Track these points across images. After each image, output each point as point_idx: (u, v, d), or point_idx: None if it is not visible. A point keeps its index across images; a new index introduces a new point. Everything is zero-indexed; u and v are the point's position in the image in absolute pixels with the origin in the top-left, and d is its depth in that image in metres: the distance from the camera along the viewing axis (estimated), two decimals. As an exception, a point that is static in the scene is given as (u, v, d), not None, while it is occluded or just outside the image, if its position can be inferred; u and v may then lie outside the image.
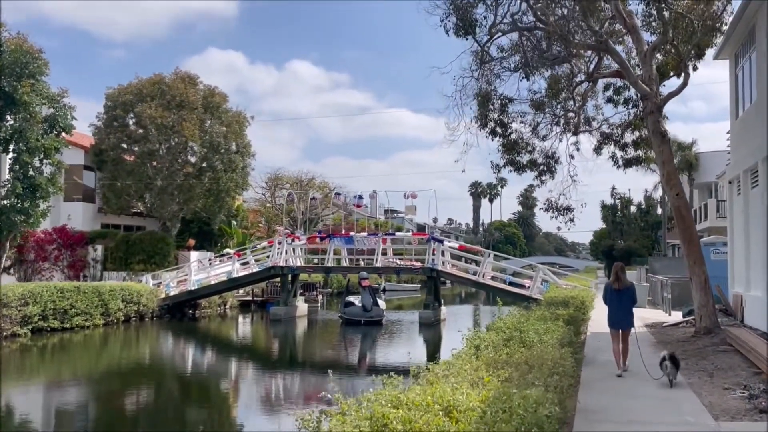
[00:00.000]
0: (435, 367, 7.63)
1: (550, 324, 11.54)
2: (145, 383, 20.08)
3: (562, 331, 10.74)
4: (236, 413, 16.28)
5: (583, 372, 12.67)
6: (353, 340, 29.49)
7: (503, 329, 10.38)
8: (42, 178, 29.37)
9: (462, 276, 31.83)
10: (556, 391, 6.74)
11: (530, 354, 8.40)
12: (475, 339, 9.77)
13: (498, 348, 9.12)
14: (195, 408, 16.91)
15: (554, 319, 13.27)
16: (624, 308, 12.35)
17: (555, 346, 9.20)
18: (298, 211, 53.64)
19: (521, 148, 22.64)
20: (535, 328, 10.37)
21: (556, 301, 19.60)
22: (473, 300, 51.84)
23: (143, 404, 17.34)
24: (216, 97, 40.92)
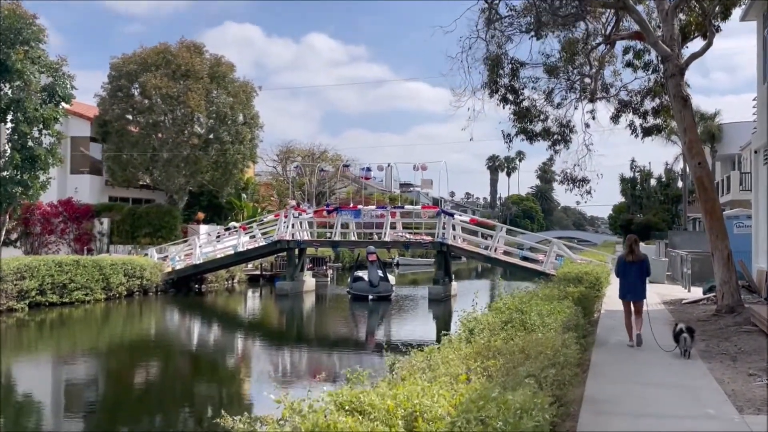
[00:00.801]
0: (417, 355, 6.67)
1: (556, 304, 10.53)
2: (140, 358, 19.45)
3: (568, 312, 9.73)
4: (222, 391, 15.50)
5: (593, 355, 11.67)
6: (358, 316, 28.70)
7: (503, 310, 9.39)
8: (41, 149, 28.61)
9: (473, 251, 30.79)
10: (553, 386, 5.75)
11: (529, 340, 7.40)
12: (470, 321, 8.80)
13: (495, 332, 8.14)
14: (179, 384, 16.14)
15: (562, 298, 12.26)
16: (637, 280, 12.17)
17: (558, 331, 8.21)
18: (310, 185, 52.70)
19: (534, 116, 21.44)
20: (538, 310, 9.36)
21: (569, 277, 18.59)
22: (490, 275, 50.75)
23: (136, 380, 16.74)
24: (222, 67, 39.86)
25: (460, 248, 30.79)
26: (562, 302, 11.32)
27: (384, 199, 49.29)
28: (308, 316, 29.51)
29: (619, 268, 12.48)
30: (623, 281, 12.41)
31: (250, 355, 20.75)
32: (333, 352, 20.51)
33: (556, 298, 12.05)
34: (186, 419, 13.07)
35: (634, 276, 12.23)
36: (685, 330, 11.16)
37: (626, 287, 12.35)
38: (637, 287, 12.25)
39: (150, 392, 15.51)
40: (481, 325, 8.59)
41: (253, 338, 23.93)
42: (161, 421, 13.12)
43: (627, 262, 12.28)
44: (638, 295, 12.27)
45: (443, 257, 30.74)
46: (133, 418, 13.17)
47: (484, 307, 11.04)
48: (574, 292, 13.82)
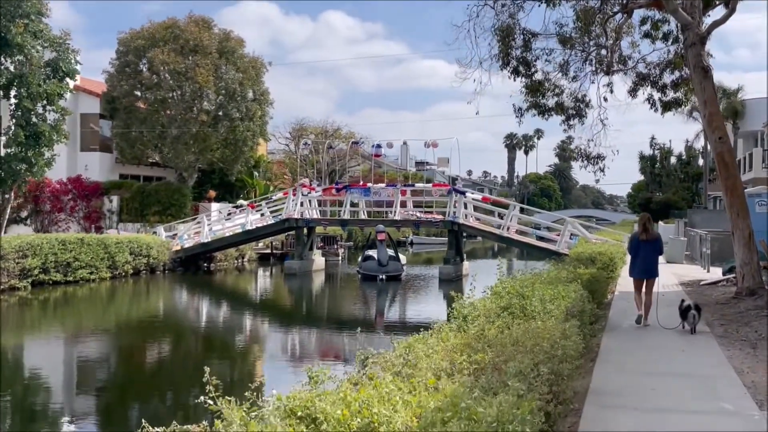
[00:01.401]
0: (398, 347, 6.01)
1: (561, 288, 9.82)
2: (139, 337, 19.08)
3: (574, 297, 9.01)
4: (215, 370, 14.98)
5: (604, 340, 10.96)
6: (366, 296, 28.17)
7: (502, 294, 8.70)
8: (45, 125, 28.14)
9: (485, 230, 30.03)
10: (547, 383, 5.07)
11: (527, 329, 6.72)
12: (465, 307, 8.12)
13: (491, 319, 7.46)
14: (172, 365, 15.67)
15: (570, 280, 11.55)
16: (649, 258, 12.20)
17: (560, 318, 7.51)
18: (323, 162, 52.04)
19: (547, 90, 20.56)
20: (541, 294, 8.66)
21: (581, 258, 17.91)
22: (506, 254, 49.89)
23: (134, 360, 16.37)
24: (231, 42, 39.10)
25: (471, 227, 30.04)
26: (569, 285, 10.62)
27: (398, 178, 48.48)
28: (314, 295, 28.98)
29: (632, 247, 12.43)
30: (636, 260, 12.33)
31: (248, 335, 20.24)
32: (335, 333, 20.05)
33: (564, 280, 11.35)
34: (174, 401, 12.58)
35: (647, 254, 12.18)
36: (693, 307, 11.30)
37: (639, 265, 12.28)
38: (649, 265, 12.19)
39: (144, 372, 15.09)
40: (477, 311, 7.92)
41: (253, 318, 23.52)
42: (157, 402, 12.71)
43: (640, 240, 12.20)
44: (651, 273, 12.20)
45: (454, 236, 30.03)
46: (129, 400, 12.73)
47: (486, 289, 10.37)
48: (584, 274, 13.11)
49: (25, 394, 12.91)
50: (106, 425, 11.35)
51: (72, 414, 11.74)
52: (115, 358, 16.75)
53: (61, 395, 13.14)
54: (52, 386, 13.72)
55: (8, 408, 11.67)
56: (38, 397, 12.86)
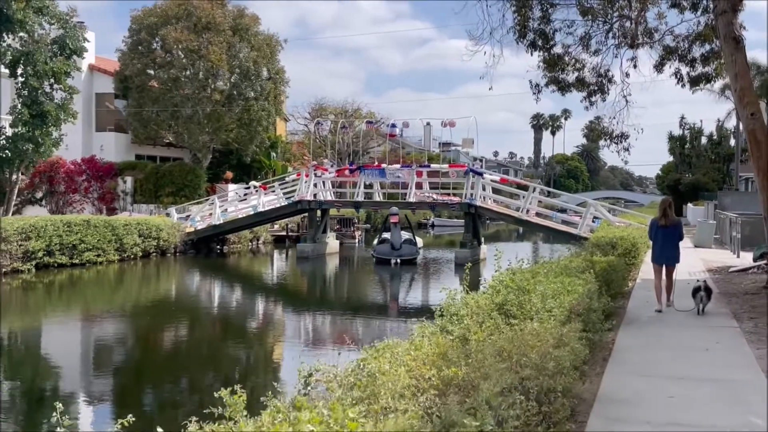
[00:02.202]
0: (367, 352, 5.08)
1: (570, 280, 8.81)
2: (143, 320, 18.65)
3: (582, 291, 7.98)
4: (216, 354, 14.24)
5: (620, 336, 9.95)
6: (377, 280, 27.34)
7: (498, 289, 7.71)
8: (51, 104, 27.51)
9: (504, 212, 28.90)
10: (532, 409, 4.10)
11: (515, 334, 5.74)
12: (454, 305, 7.15)
13: (481, 319, 6.49)
14: (176, 349, 14.96)
15: (583, 269, 10.51)
16: (670, 244, 11.93)
17: (561, 319, 6.52)
18: (342, 143, 51.07)
19: (566, 65, 19.32)
20: (543, 288, 7.66)
21: (601, 243, 16.86)
22: (532, 237, 48.51)
23: (140, 344, 15.93)
24: (245, 19, 38.12)
25: (489, 209, 28.93)
26: (580, 276, 9.59)
27: (418, 160, 47.34)
28: (323, 280, 28.13)
29: (652, 232, 12.17)
30: (656, 246, 12.07)
31: (248, 320, 19.50)
32: (340, 317, 19.30)
33: (576, 270, 10.30)
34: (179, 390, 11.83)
35: (667, 240, 11.91)
36: (703, 288, 11.29)
37: (659, 251, 11.99)
38: (669, 251, 11.92)
39: (148, 359, 14.57)
40: (468, 307, 6.94)
41: (253, 302, 22.94)
42: (167, 389, 12.17)
43: (660, 225, 11.91)
44: (671, 259, 11.93)
45: (471, 219, 28.96)
46: (135, 387, 12.20)
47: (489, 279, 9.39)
48: (599, 262, 12.05)
49: (30, 380, 12.43)
50: (117, 411, 10.71)
51: (81, 400, 11.33)
52: (116, 342, 16.15)
53: (65, 382, 12.57)
54: (51, 373, 13.21)
55: (18, 394, 11.34)
56: (44, 383, 12.37)
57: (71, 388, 12.00)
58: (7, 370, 12.76)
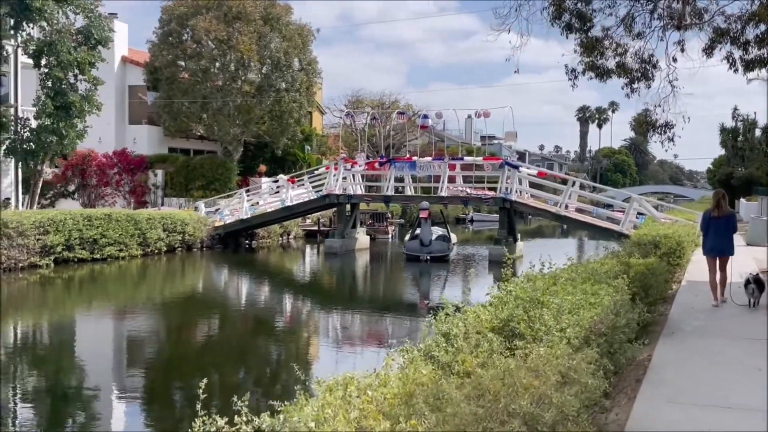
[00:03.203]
0: (304, 401, 3.92)
1: (595, 289, 7.50)
2: (163, 318, 18.04)
3: (606, 304, 6.67)
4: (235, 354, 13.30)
5: (658, 349, 8.62)
6: (403, 278, 26.19)
7: (505, 300, 6.46)
8: (75, 95, 26.97)
9: (541, 207, 27.39)
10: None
11: (520, 361, 4.52)
12: (450, 320, 5.94)
13: (476, 342, 5.27)
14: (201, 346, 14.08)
15: (616, 274, 9.17)
16: (724, 236, 11.77)
17: (576, 342, 5.26)
18: (379, 136, 49.90)
19: (606, 48, 17.79)
20: (561, 300, 6.39)
21: (643, 241, 15.38)
22: (577, 233, 46.56)
23: (159, 342, 15.30)
24: (277, 8, 37.18)
25: (525, 204, 27.43)
26: (610, 283, 8.27)
27: (456, 152, 45.85)
28: (349, 277, 26.95)
29: (705, 224, 12.05)
30: (709, 238, 11.92)
31: (268, 317, 18.56)
32: (361, 316, 18.25)
33: (606, 275, 8.96)
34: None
35: (720, 232, 11.76)
36: (752, 281, 11.20)
37: (712, 243, 11.83)
38: (723, 243, 11.73)
39: (168, 356, 13.94)
40: (468, 325, 5.73)
41: (273, 299, 22.06)
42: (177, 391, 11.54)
43: (712, 217, 11.78)
44: (725, 250, 11.73)
45: (507, 214, 27.54)
46: (158, 385, 11.70)
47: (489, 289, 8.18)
48: (636, 264, 10.66)
49: (53, 379, 11.99)
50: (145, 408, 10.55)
51: (114, 401, 11.03)
52: (135, 342, 15.48)
53: (81, 379, 12.10)
54: (69, 377, 12.49)
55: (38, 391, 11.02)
56: (61, 387, 11.71)
57: (96, 391, 11.37)
58: (21, 370, 12.44)
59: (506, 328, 5.86)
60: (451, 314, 6.15)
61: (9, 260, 21.61)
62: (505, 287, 6.89)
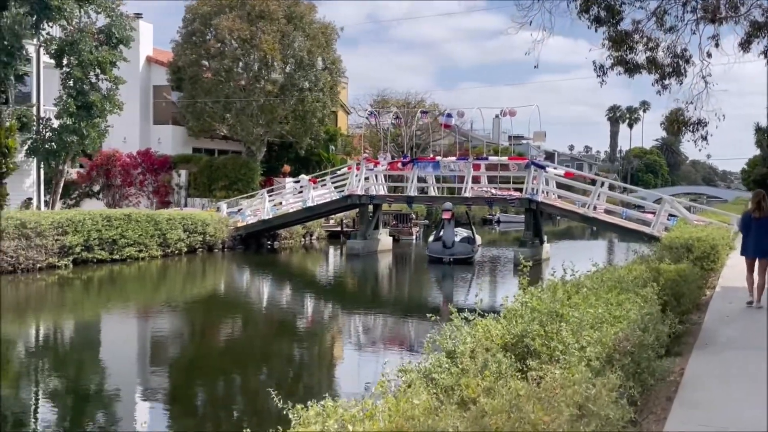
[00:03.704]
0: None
1: (620, 298, 6.86)
2: (182, 319, 17.79)
3: (635, 317, 6.03)
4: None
5: (690, 364, 7.95)
6: (423, 281, 25.58)
7: (520, 313, 5.85)
8: (96, 95, 26.82)
9: (567, 209, 26.58)
10: None
11: (535, 389, 3.94)
12: (457, 334, 5.37)
13: (484, 361, 4.69)
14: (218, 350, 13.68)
15: (644, 282, 8.50)
16: (763, 237, 11.43)
17: (598, 363, 4.66)
18: (405, 135, 49.35)
19: (636, 42, 17.02)
20: (582, 313, 5.77)
21: (675, 245, 14.62)
22: (607, 235, 45.48)
23: (181, 344, 15.08)
24: (300, 7, 36.76)
25: (551, 205, 26.64)
26: (638, 292, 7.61)
27: (490, 153, 45.03)
28: (368, 279, 26.37)
29: (744, 225, 11.94)
30: (749, 239, 11.72)
31: (288, 319, 18.12)
32: (377, 320, 17.74)
33: (634, 283, 8.30)
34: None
35: (760, 233, 11.50)
36: None
37: (751, 244, 11.62)
38: (762, 245, 11.43)
39: (191, 358, 13.65)
40: (476, 341, 5.15)
41: (291, 301, 21.65)
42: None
43: (753, 218, 11.59)
44: (764, 252, 11.41)
45: (533, 215, 26.79)
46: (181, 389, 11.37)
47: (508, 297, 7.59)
48: (667, 271, 9.96)
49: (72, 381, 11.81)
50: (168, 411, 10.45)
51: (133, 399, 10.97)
52: (157, 344, 15.32)
53: (101, 382, 11.89)
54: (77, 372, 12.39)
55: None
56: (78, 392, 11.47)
57: (117, 395, 11.12)
58: (43, 372, 12.40)
59: (520, 345, 5.26)
60: (460, 327, 5.58)
61: (27, 261, 21.44)
62: (520, 297, 6.28)
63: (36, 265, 21.75)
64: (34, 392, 11.20)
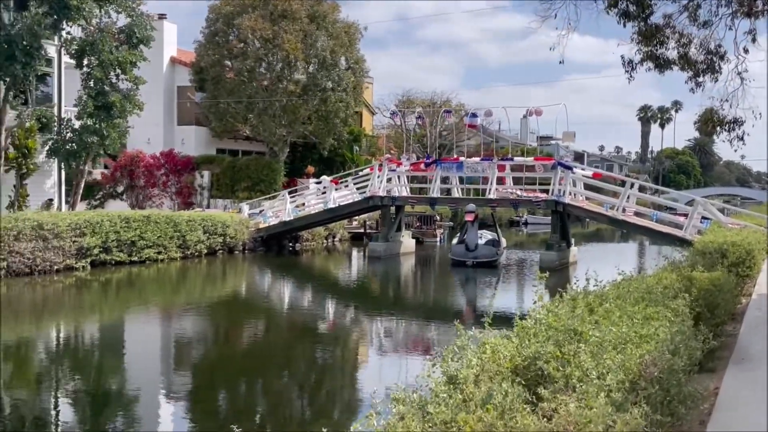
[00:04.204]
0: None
1: (652, 312, 6.21)
2: (202, 322, 17.49)
3: (664, 337, 5.37)
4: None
5: (725, 382, 7.30)
6: (444, 285, 24.92)
7: (534, 331, 5.24)
8: (116, 95, 26.63)
9: (595, 211, 25.76)
10: None
11: (545, 425, 3.36)
12: (462, 355, 4.78)
13: (488, 390, 4.10)
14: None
15: (675, 293, 7.82)
16: None
17: (620, 395, 4.04)
18: (430, 136, 48.68)
19: (667, 37, 16.24)
20: (602, 332, 5.14)
21: (708, 249, 13.85)
22: (637, 238, 44.30)
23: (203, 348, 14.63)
24: (323, 6, 36.31)
25: (578, 207, 25.82)
26: (667, 305, 6.94)
27: (516, 153, 44.30)
28: (389, 283, 25.74)
29: None
30: None
31: (305, 323, 17.63)
32: (392, 325, 17.21)
33: (664, 294, 7.62)
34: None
35: None
36: None
37: None
38: None
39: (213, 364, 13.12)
40: (480, 362, 4.57)
41: (309, 304, 21.23)
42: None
43: None
44: None
45: (559, 218, 26.01)
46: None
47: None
48: (700, 279, 9.25)
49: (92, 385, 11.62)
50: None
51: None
52: (179, 347, 15.01)
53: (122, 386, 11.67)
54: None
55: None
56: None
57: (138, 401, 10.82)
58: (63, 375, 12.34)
59: (532, 368, 4.66)
60: (465, 346, 4.99)
61: (44, 263, 21.23)
62: (535, 312, 5.67)
63: (53, 267, 21.53)
64: (54, 396, 11.09)
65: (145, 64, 28.12)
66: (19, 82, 23.85)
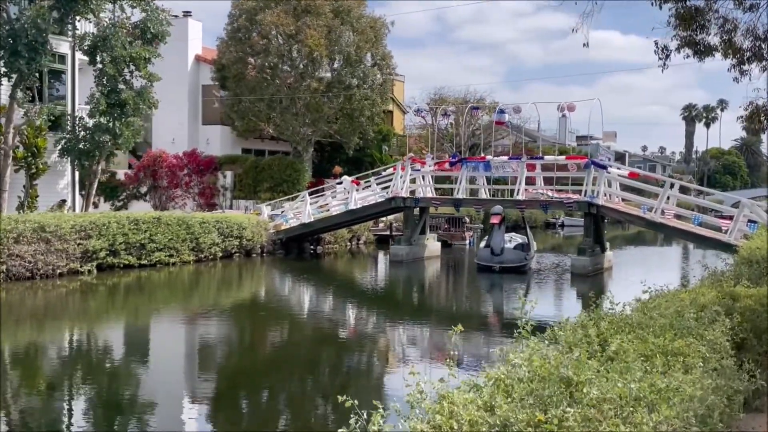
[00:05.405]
0: None
1: (680, 346, 4.77)
2: (211, 329, 16.42)
3: (692, 392, 3.94)
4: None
5: None
6: (467, 292, 23.40)
7: (521, 378, 3.86)
8: (129, 92, 25.77)
9: (630, 213, 23.97)
10: None
11: None
12: (411, 413, 3.44)
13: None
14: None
15: (713, 318, 6.35)
16: None
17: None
18: (463, 135, 47.15)
19: (708, 20, 14.60)
20: (600, 389, 3.73)
21: (756, 257, 12.26)
22: (679, 241, 41.91)
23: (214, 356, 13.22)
24: (348, 1, 35.04)
25: (612, 209, 24.05)
26: (703, 335, 5.48)
27: (554, 153, 42.49)
28: (410, 289, 24.26)
29: None
30: None
31: (322, 330, 16.40)
32: (394, 332, 15.85)
33: (698, 318, 6.15)
34: None
35: None
36: None
37: None
38: None
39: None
40: (479, 417, 3.23)
41: (323, 311, 19.98)
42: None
43: None
44: None
45: (593, 220, 24.31)
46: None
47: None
48: (744, 297, 7.74)
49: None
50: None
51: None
52: (189, 354, 14.28)
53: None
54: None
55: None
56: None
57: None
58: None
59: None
60: (417, 402, 3.65)
61: (47, 266, 20.38)
62: (517, 355, 4.25)
63: (56, 271, 20.66)
64: (67, 406, 10.61)
65: (170, 63, 27.36)
66: (26, 77, 23.05)
